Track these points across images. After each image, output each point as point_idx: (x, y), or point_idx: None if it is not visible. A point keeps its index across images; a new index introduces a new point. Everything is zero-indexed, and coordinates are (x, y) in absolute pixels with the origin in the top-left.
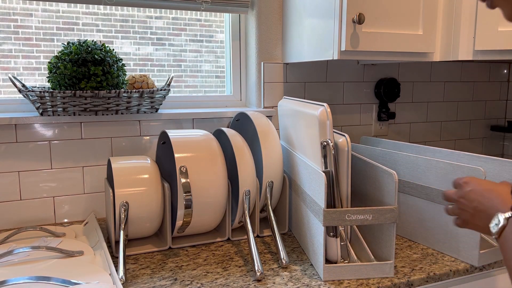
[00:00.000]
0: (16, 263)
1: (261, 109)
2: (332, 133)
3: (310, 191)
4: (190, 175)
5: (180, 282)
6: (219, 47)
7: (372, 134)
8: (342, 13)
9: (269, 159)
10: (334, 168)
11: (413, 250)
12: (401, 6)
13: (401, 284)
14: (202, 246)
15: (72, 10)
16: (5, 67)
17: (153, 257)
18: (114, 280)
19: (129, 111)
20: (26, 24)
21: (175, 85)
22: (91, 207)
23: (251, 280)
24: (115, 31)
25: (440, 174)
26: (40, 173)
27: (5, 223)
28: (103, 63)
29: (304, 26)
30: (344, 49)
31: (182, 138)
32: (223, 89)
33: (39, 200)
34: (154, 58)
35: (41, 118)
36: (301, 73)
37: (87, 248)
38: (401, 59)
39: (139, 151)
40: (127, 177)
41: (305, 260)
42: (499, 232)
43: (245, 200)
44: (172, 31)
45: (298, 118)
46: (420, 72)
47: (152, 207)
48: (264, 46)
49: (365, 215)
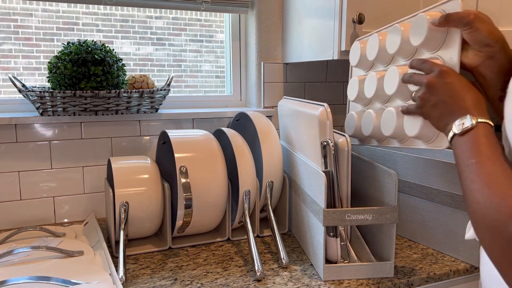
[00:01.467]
0: (16, 263)
1: (261, 109)
2: (332, 133)
3: (310, 191)
4: (190, 175)
5: (180, 282)
6: (219, 47)
7: None
8: (342, 13)
9: (269, 159)
10: (334, 168)
11: (413, 250)
12: (401, 6)
13: (401, 284)
14: (202, 246)
15: (72, 10)
16: (5, 67)
17: (153, 257)
18: (114, 280)
19: (129, 111)
20: (26, 24)
21: (175, 85)
22: (91, 207)
23: (251, 280)
24: (115, 31)
25: (440, 174)
26: (40, 173)
27: (5, 223)
28: (103, 63)
29: (304, 26)
30: (344, 49)
31: (182, 138)
32: (223, 89)
33: (39, 200)
34: (154, 58)
35: (41, 118)
36: (301, 73)
37: (87, 248)
38: None
39: (139, 151)
40: (127, 177)
41: (305, 260)
42: (463, 132)
43: (245, 200)
44: (172, 31)
45: (298, 118)
46: None
47: (152, 207)
48: (264, 46)
49: (365, 215)
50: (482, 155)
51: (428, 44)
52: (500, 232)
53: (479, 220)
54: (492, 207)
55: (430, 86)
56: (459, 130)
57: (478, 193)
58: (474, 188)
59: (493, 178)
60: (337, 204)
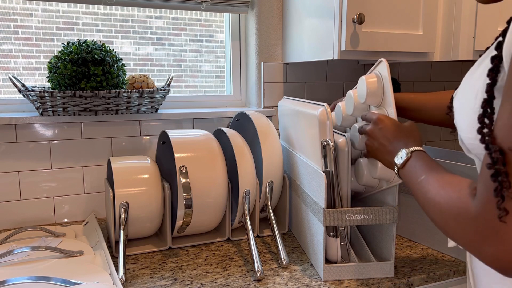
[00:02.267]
0: (16, 263)
1: (261, 109)
2: (332, 133)
3: (310, 191)
4: (190, 175)
5: (180, 282)
6: (219, 47)
7: None
8: (342, 13)
9: (269, 159)
10: (334, 168)
11: (413, 250)
12: (401, 6)
13: (401, 284)
14: (202, 246)
15: (72, 10)
16: (5, 67)
17: (153, 257)
18: (114, 280)
19: (129, 111)
20: (26, 24)
21: (175, 85)
22: (91, 207)
23: (251, 280)
24: (115, 31)
25: None
26: (40, 173)
27: (5, 223)
28: (103, 63)
29: (304, 26)
30: (344, 49)
31: (182, 138)
32: (223, 89)
33: (39, 200)
34: (154, 58)
35: (41, 118)
36: (301, 73)
37: (87, 248)
38: (401, 59)
39: (139, 151)
40: (127, 177)
41: (305, 260)
42: (403, 164)
43: (245, 200)
44: (172, 31)
45: (298, 118)
46: (420, 72)
47: (152, 207)
48: (264, 46)
49: (365, 215)
50: (426, 171)
51: (370, 103)
52: (466, 216)
53: (445, 216)
54: (452, 201)
55: (369, 134)
56: (400, 164)
57: (435, 197)
58: (431, 196)
59: (443, 182)
60: (337, 204)
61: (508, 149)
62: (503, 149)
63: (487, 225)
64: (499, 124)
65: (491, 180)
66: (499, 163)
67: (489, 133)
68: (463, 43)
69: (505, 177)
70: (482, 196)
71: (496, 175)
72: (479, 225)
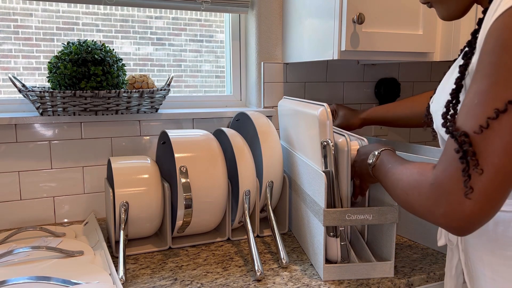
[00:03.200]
0: (16, 263)
1: (261, 109)
2: (332, 133)
3: (310, 191)
4: (190, 175)
5: (180, 282)
6: (219, 47)
7: (372, 134)
8: (342, 13)
9: (269, 159)
10: (334, 168)
11: (413, 250)
12: (401, 6)
13: (401, 284)
14: (202, 246)
15: (72, 10)
16: (5, 67)
17: (153, 257)
18: (114, 280)
19: (129, 111)
20: (26, 24)
21: (175, 85)
22: (91, 207)
23: (251, 280)
24: (115, 31)
25: None
26: (40, 173)
27: (5, 223)
28: (103, 63)
29: (304, 26)
30: (344, 49)
31: (182, 138)
32: (223, 89)
33: (39, 200)
34: (154, 58)
35: (41, 118)
36: (301, 73)
37: (87, 248)
38: (401, 59)
39: (139, 151)
40: (127, 177)
41: (305, 260)
42: (374, 162)
43: (245, 200)
44: (172, 31)
45: (298, 118)
46: (420, 72)
47: (152, 207)
48: (264, 46)
49: (365, 215)
50: (391, 162)
51: None
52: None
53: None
54: (413, 175)
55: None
56: (372, 163)
57: (399, 176)
58: (396, 177)
59: (408, 165)
60: (337, 204)
61: (473, 132)
62: (467, 132)
63: (440, 190)
64: (462, 110)
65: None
66: (466, 145)
67: (452, 120)
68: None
69: (473, 155)
70: (441, 166)
71: (464, 157)
72: (434, 191)
